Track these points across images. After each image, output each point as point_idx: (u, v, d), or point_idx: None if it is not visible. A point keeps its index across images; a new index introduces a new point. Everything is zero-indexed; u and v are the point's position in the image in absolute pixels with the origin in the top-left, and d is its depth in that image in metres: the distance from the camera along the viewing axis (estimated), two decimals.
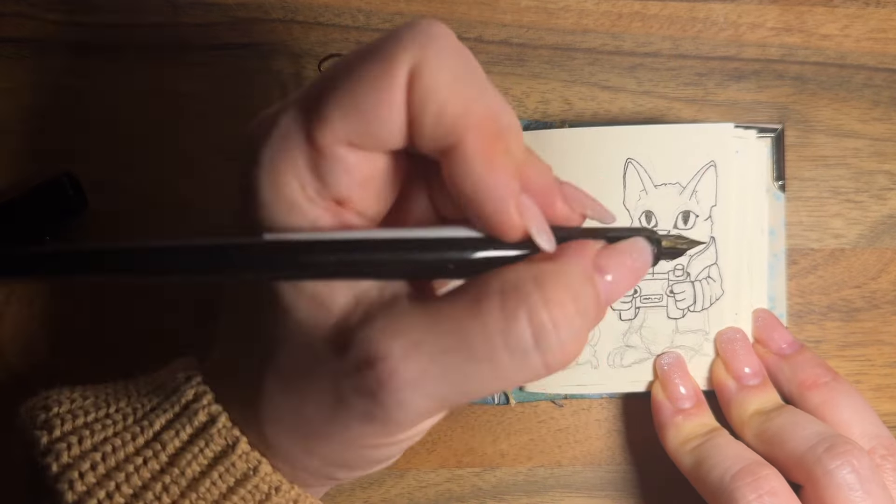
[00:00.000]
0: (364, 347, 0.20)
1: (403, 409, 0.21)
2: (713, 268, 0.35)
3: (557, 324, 0.20)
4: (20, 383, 0.36)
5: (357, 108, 0.20)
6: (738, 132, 0.35)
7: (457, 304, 0.21)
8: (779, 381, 0.35)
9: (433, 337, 0.20)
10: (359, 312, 0.21)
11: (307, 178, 0.21)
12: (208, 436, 0.24)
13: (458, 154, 0.21)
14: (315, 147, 0.21)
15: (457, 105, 0.20)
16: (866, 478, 0.30)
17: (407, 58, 0.20)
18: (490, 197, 0.21)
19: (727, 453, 0.32)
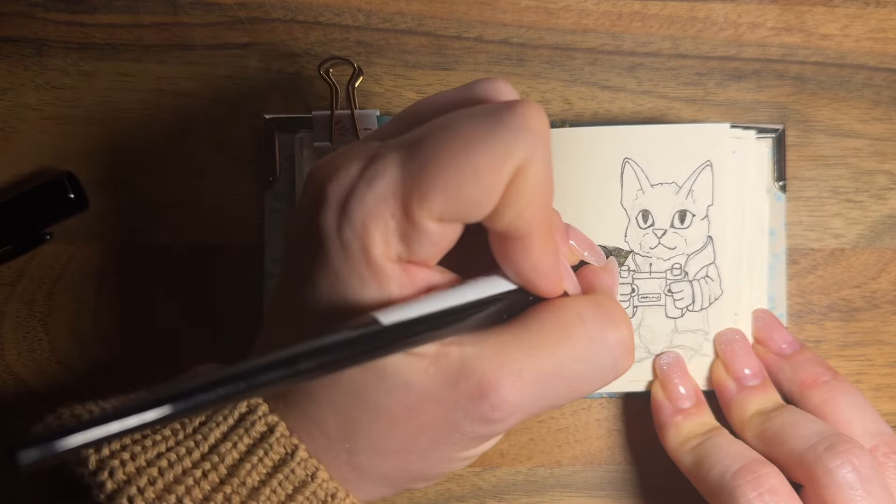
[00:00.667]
0: (476, 380, 0.23)
1: (506, 426, 0.24)
2: (711, 267, 0.35)
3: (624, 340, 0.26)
4: (20, 383, 0.36)
5: (461, 198, 0.22)
6: (736, 132, 0.35)
7: (545, 334, 0.25)
8: (779, 381, 0.35)
9: (533, 365, 0.24)
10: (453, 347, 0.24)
11: (394, 244, 0.23)
12: (267, 445, 0.24)
13: (524, 244, 0.24)
14: (409, 220, 0.22)
15: (537, 205, 0.23)
16: (867, 477, 0.30)
17: (518, 158, 0.22)
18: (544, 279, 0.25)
19: (727, 452, 0.32)
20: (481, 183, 0.21)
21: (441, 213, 0.22)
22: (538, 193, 0.22)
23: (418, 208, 0.22)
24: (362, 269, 0.23)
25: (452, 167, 0.21)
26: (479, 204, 0.22)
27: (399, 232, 0.22)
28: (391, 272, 0.23)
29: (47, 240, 0.36)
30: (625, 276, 0.35)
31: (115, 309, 0.37)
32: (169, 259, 0.37)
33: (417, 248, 0.23)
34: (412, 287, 0.23)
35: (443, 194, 0.22)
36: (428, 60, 0.37)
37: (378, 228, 0.22)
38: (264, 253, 0.36)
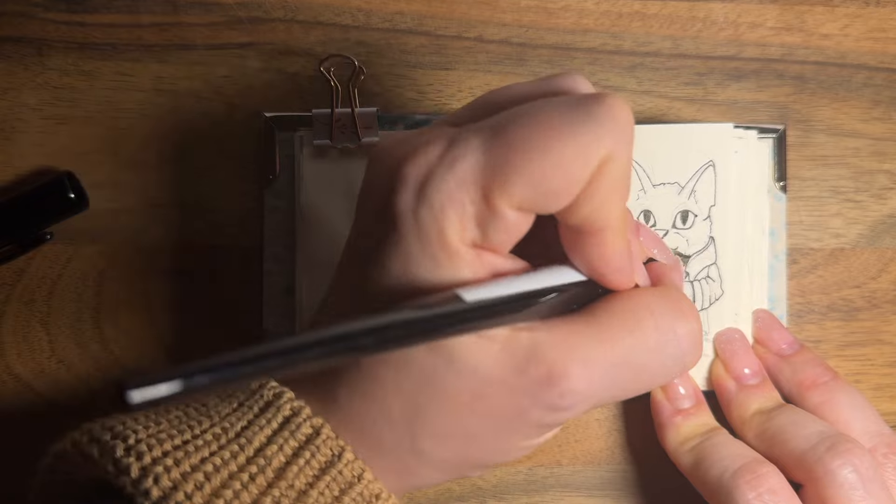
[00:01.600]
0: (546, 366, 0.23)
1: (573, 415, 0.24)
2: (712, 268, 0.35)
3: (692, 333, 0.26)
4: (20, 383, 0.36)
5: (543, 187, 0.22)
6: (738, 133, 0.35)
7: (615, 324, 0.24)
8: (779, 382, 0.35)
9: (602, 354, 0.24)
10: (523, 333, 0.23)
11: (470, 228, 0.22)
12: (314, 447, 0.24)
13: (599, 238, 0.23)
14: (488, 206, 0.22)
15: (617, 199, 0.23)
16: (868, 477, 0.30)
17: (604, 150, 0.21)
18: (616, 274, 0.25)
19: (726, 452, 0.32)
20: (566, 173, 0.21)
21: (521, 201, 0.22)
22: (619, 187, 0.22)
23: (499, 195, 0.22)
24: (437, 251, 0.22)
25: (538, 155, 0.21)
26: (561, 194, 0.22)
27: (476, 217, 0.22)
28: (465, 256, 0.23)
29: (47, 240, 0.36)
30: None
31: (115, 309, 0.37)
32: (169, 259, 0.37)
33: (493, 234, 0.22)
34: (483, 272, 0.23)
35: (526, 182, 0.21)
36: (428, 60, 0.37)
37: (456, 212, 0.22)
38: (264, 252, 0.36)
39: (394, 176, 0.23)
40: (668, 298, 0.26)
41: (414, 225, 0.22)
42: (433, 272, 0.23)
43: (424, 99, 0.37)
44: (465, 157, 0.22)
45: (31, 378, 0.36)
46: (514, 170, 0.21)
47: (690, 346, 0.26)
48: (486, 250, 0.23)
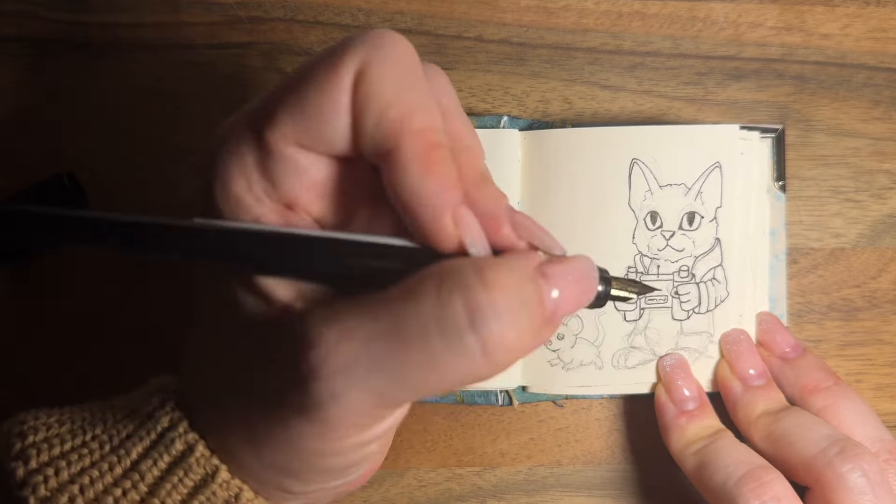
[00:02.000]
0: (297, 336, 0.20)
1: (337, 400, 0.20)
2: (718, 269, 0.35)
3: (496, 306, 0.19)
4: (20, 383, 0.36)
5: (304, 110, 0.21)
6: (742, 133, 0.35)
7: (392, 292, 0.20)
8: (782, 385, 0.35)
9: (367, 322, 0.20)
10: (299, 307, 0.21)
11: (255, 177, 0.22)
12: (187, 465, 0.23)
13: (396, 159, 0.20)
14: (264, 146, 0.21)
15: (397, 110, 0.20)
16: (877, 482, 0.30)
17: (354, 62, 0.21)
18: (425, 203, 0.20)
19: (731, 457, 0.32)
20: (320, 93, 0.21)
21: (295, 133, 0.21)
22: (388, 97, 0.20)
23: (269, 131, 0.21)
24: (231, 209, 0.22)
25: (293, 83, 0.21)
26: (327, 119, 0.21)
27: (258, 164, 0.21)
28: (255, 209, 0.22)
29: None
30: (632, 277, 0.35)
31: (116, 309, 0.36)
32: None
33: (279, 179, 0.21)
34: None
35: (288, 111, 0.21)
36: (428, 60, 0.37)
37: (235, 163, 0.22)
38: None
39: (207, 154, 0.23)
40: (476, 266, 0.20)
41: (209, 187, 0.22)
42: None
43: None
44: (241, 113, 0.22)
45: (31, 378, 0.36)
46: (275, 104, 0.21)
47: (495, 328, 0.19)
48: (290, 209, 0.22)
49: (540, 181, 0.35)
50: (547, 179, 0.35)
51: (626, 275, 0.35)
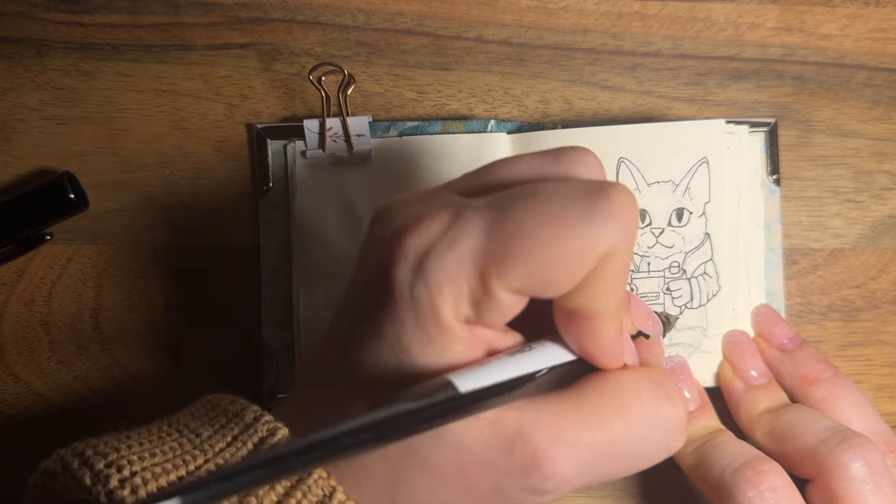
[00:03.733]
0: (529, 448, 0.23)
1: (555, 497, 0.24)
2: (709, 264, 0.35)
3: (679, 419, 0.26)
4: (20, 383, 0.36)
5: (542, 276, 0.22)
6: (729, 128, 0.36)
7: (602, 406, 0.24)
8: (780, 376, 0.35)
9: (587, 438, 0.24)
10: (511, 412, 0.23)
11: (464, 307, 0.22)
12: (305, 487, 0.23)
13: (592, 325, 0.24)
14: (484, 289, 0.22)
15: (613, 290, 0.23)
16: (878, 472, 0.30)
17: (606, 246, 0.22)
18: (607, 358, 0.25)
19: (727, 451, 0.32)
20: (566, 266, 0.21)
21: (519, 287, 0.22)
22: (618, 279, 0.22)
23: (496, 280, 0.22)
24: (430, 327, 0.22)
25: (539, 247, 0.21)
26: (559, 285, 0.22)
27: (471, 297, 0.22)
28: (458, 332, 0.23)
29: (47, 240, 0.36)
30: None
31: (115, 309, 0.37)
32: (169, 259, 0.37)
33: (487, 314, 0.23)
34: (476, 347, 0.23)
35: (525, 271, 0.21)
36: (428, 60, 0.37)
37: (452, 291, 0.22)
38: (261, 262, 0.36)
39: (395, 244, 0.23)
40: (656, 383, 0.26)
41: (409, 298, 0.22)
42: (425, 345, 0.23)
43: (424, 99, 0.37)
44: (466, 237, 0.22)
45: (31, 378, 0.36)
46: (514, 258, 0.21)
47: (676, 433, 0.26)
48: (480, 326, 0.23)
49: None
50: None
51: None
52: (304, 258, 0.36)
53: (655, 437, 0.25)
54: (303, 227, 0.36)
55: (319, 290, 0.35)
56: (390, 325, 0.23)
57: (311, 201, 0.36)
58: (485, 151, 0.35)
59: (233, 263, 0.37)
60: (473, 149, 0.35)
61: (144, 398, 0.36)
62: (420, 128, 0.36)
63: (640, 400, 0.25)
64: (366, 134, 0.35)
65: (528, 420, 0.23)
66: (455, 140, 0.36)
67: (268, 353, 0.36)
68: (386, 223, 0.24)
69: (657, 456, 0.26)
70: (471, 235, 0.22)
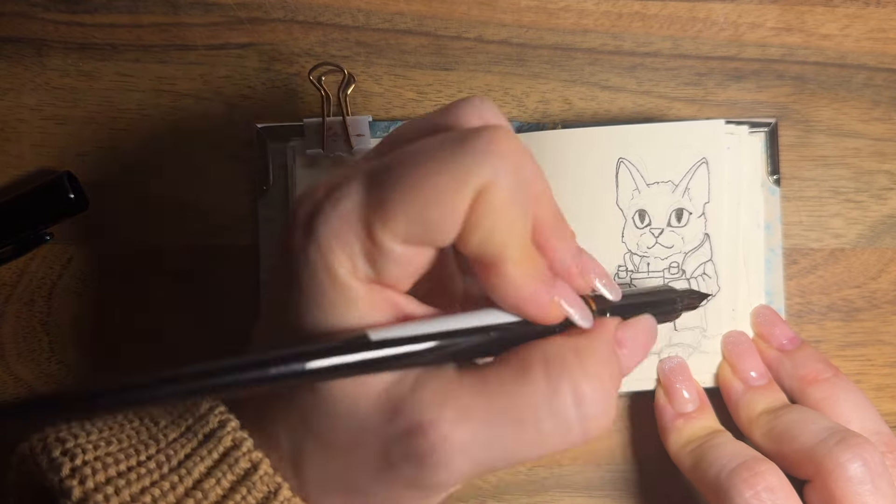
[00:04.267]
0: (416, 414, 0.22)
1: (447, 473, 0.22)
2: (708, 264, 0.35)
3: (596, 395, 0.23)
4: (20, 384, 0.36)
5: (421, 218, 0.21)
6: (729, 128, 0.36)
7: (503, 373, 0.23)
8: (780, 377, 0.35)
9: (482, 403, 0.22)
10: (408, 381, 0.22)
11: (360, 264, 0.22)
12: (251, 483, 0.23)
13: (498, 268, 0.22)
14: (374, 242, 0.22)
15: (506, 228, 0.22)
16: (877, 473, 0.30)
17: (478, 179, 0.21)
18: (530, 305, 0.23)
19: (725, 451, 0.32)
20: (442, 205, 0.21)
21: (405, 235, 0.22)
22: (504, 216, 0.22)
23: (381, 230, 0.22)
24: (326, 287, 0.22)
25: (413, 190, 0.21)
26: (442, 227, 0.22)
27: (364, 253, 0.22)
28: (359, 290, 0.22)
29: (47, 240, 0.36)
30: (623, 276, 0.35)
31: (115, 309, 0.37)
32: (169, 259, 0.37)
33: (385, 268, 0.22)
34: (385, 310, 0.23)
35: (404, 216, 0.21)
36: (428, 60, 0.37)
37: (342, 248, 0.22)
38: (259, 263, 0.36)
39: (291, 217, 0.23)
40: (574, 350, 0.23)
41: (305, 262, 0.22)
42: (326, 308, 0.22)
43: (424, 99, 0.37)
44: (348, 195, 0.22)
45: (31, 378, 0.36)
46: (391, 204, 0.21)
47: (594, 410, 0.23)
48: (389, 288, 0.23)
49: None
50: None
51: (615, 274, 0.35)
52: None
53: (564, 413, 0.22)
54: None
55: None
56: (292, 294, 0.23)
57: None
58: None
59: (232, 263, 0.37)
60: None
61: None
62: None
63: (545, 365, 0.23)
64: (366, 134, 0.35)
65: (421, 384, 0.22)
66: None
67: None
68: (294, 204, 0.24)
69: (570, 434, 0.23)
70: (352, 192, 0.22)
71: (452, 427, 0.21)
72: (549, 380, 0.22)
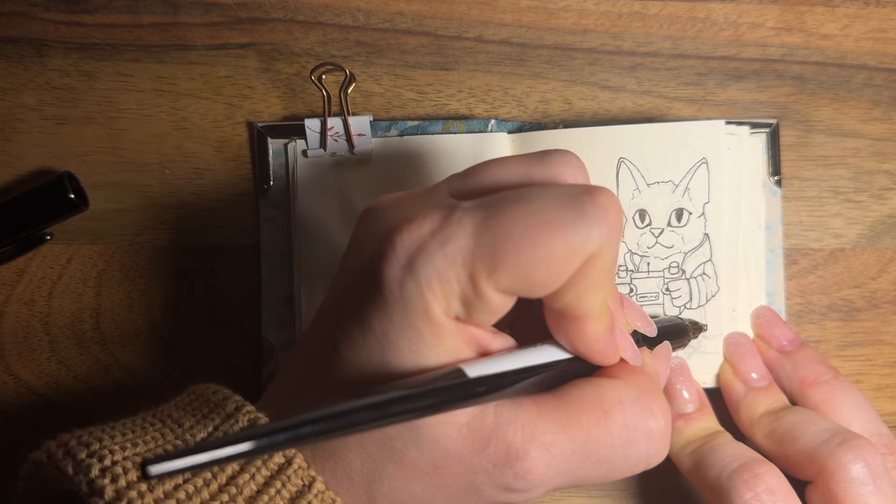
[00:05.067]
0: (504, 447, 0.23)
1: (528, 498, 0.24)
2: (708, 264, 0.35)
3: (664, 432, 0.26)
4: (20, 383, 0.36)
5: (529, 276, 0.22)
6: (730, 129, 0.36)
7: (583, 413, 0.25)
8: (780, 378, 0.35)
9: (564, 441, 0.24)
10: (490, 413, 0.24)
11: (455, 305, 0.23)
12: (285, 476, 0.24)
13: (579, 324, 0.24)
14: (475, 289, 0.22)
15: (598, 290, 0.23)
16: (878, 474, 0.30)
17: (591, 248, 0.22)
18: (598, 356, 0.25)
19: (725, 452, 0.32)
20: (553, 268, 0.22)
21: (507, 288, 0.22)
22: (603, 280, 0.23)
23: (486, 280, 0.22)
24: (419, 323, 0.23)
25: (526, 248, 0.22)
26: (546, 285, 0.22)
27: (461, 296, 0.23)
28: (448, 328, 0.23)
29: (47, 240, 0.36)
30: (623, 276, 0.36)
31: (115, 309, 0.37)
32: (169, 259, 0.37)
33: (476, 313, 0.23)
34: (466, 346, 0.24)
35: (513, 272, 0.22)
36: (428, 60, 0.37)
37: (442, 289, 0.22)
38: (261, 261, 0.36)
39: (385, 241, 0.23)
40: (641, 393, 0.26)
41: (400, 295, 0.23)
42: (415, 342, 0.23)
43: (424, 99, 0.37)
44: (456, 238, 0.22)
45: (31, 378, 0.36)
46: (502, 259, 0.22)
47: (658, 446, 0.26)
48: (470, 325, 0.24)
49: None
50: None
51: (616, 273, 0.35)
52: (305, 257, 0.36)
53: (635, 448, 0.25)
54: (304, 226, 0.36)
55: (320, 289, 0.35)
56: (378, 321, 0.23)
57: (313, 200, 0.36)
58: (485, 151, 0.35)
59: (233, 263, 0.37)
60: (474, 148, 0.36)
61: (145, 398, 0.36)
62: (421, 127, 0.36)
63: (622, 409, 0.25)
64: (367, 133, 0.35)
65: (506, 419, 0.24)
66: (456, 140, 0.36)
67: (268, 352, 0.36)
68: (375, 221, 0.24)
69: (637, 466, 0.26)
70: (461, 236, 0.22)
71: (538, 462, 0.24)
72: (628, 427, 0.25)
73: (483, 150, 0.35)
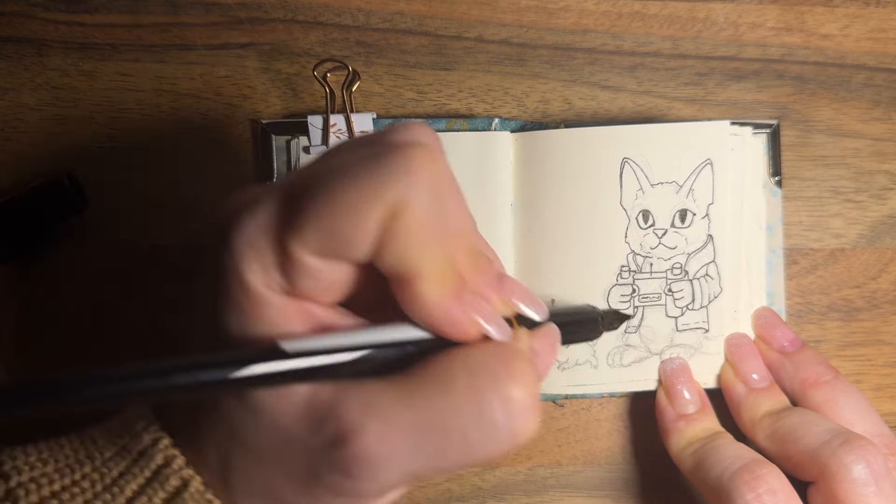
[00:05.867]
0: (339, 424, 0.21)
1: (375, 483, 0.22)
2: (711, 266, 0.35)
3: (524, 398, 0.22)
4: None
5: (332, 231, 0.21)
6: (733, 129, 0.36)
7: (426, 384, 0.22)
8: (781, 379, 0.35)
9: (406, 414, 0.21)
10: (328, 392, 0.22)
11: (273, 274, 0.22)
12: (181, 500, 0.23)
13: (412, 288, 0.22)
14: (286, 253, 0.21)
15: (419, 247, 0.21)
16: (880, 474, 0.30)
17: (391, 195, 0.21)
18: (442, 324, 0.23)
19: (726, 453, 0.32)
20: (351, 219, 0.21)
21: (316, 248, 0.21)
22: (418, 236, 0.21)
23: (292, 240, 0.21)
24: (238, 294, 0.22)
25: (325, 202, 0.21)
26: (352, 241, 0.21)
27: (278, 263, 0.22)
28: (270, 300, 0.22)
29: (47, 240, 0.36)
30: (626, 276, 0.35)
31: (115, 309, 0.37)
32: (169, 259, 0.37)
33: (299, 281, 0.22)
34: (303, 321, 0.22)
35: (316, 229, 0.21)
36: (428, 60, 0.37)
37: (256, 257, 0.22)
38: None
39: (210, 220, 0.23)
40: (497, 356, 0.23)
41: (217, 267, 0.22)
42: (238, 315, 0.22)
43: (424, 99, 0.37)
44: (265, 204, 0.22)
45: None
46: (303, 215, 0.21)
47: (520, 415, 0.22)
48: (307, 300, 0.23)
49: (532, 182, 0.35)
50: (539, 180, 0.35)
51: (618, 274, 0.35)
52: None
53: (491, 415, 0.22)
54: None
55: None
56: (213, 299, 0.23)
57: None
58: (488, 150, 0.35)
59: None
60: (477, 147, 0.36)
61: None
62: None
63: (469, 372, 0.22)
64: (370, 130, 0.35)
65: (343, 395, 0.22)
66: (459, 138, 0.36)
67: None
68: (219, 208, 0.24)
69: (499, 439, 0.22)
70: (269, 200, 0.22)
71: (377, 438, 0.21)
72: (474, 388, 0.22)
73: (486, 149, 0.35)
